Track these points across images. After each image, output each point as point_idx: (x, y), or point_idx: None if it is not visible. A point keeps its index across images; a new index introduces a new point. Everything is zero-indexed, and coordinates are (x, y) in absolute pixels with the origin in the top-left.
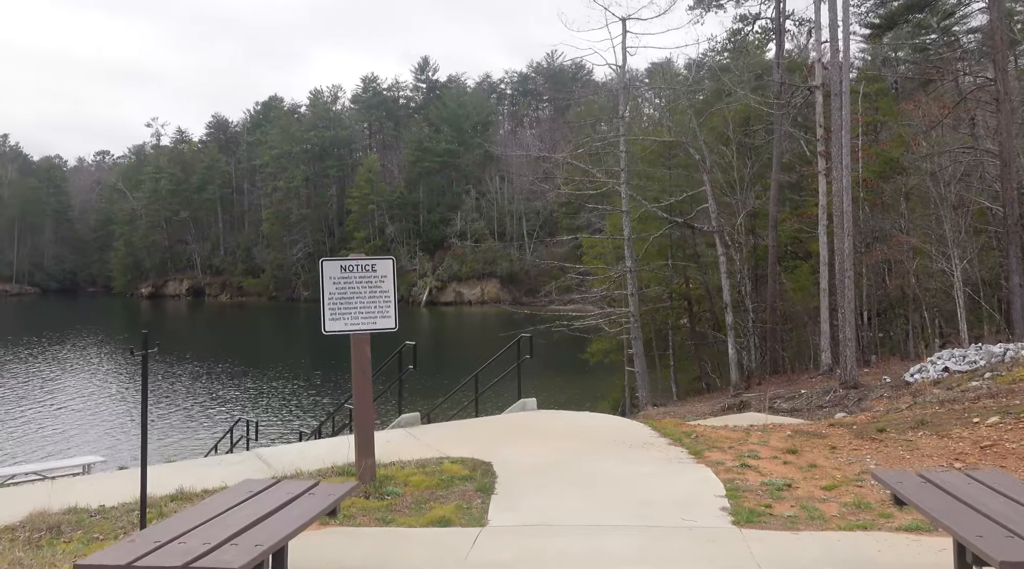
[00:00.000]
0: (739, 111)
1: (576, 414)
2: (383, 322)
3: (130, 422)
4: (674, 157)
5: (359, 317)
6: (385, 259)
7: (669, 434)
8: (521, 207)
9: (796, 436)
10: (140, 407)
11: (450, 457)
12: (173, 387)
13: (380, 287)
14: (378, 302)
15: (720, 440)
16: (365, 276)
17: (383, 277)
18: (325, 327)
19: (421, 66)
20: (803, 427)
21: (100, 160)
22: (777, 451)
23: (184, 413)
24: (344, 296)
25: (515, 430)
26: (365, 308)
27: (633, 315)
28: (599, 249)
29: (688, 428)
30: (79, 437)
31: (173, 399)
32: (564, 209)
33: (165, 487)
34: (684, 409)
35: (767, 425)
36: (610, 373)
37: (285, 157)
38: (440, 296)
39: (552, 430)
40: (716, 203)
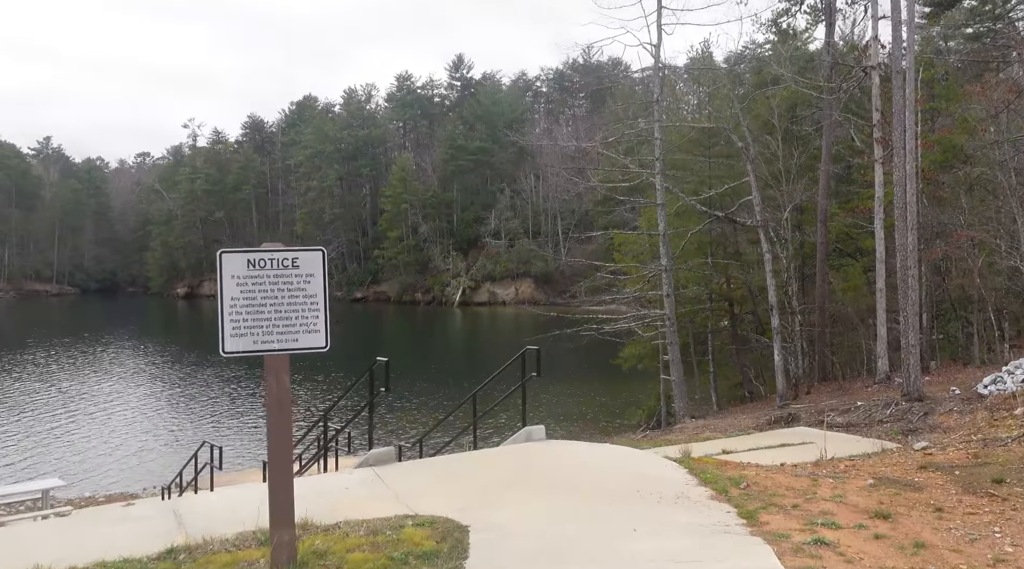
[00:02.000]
0: (785, 98)
1: (591, 449)
2: (309, 339)
3: (107, 438)
4: (714, 146)
5: (274, 332)
6: (311, 250)
7: (710, 480)
8: (556, 205)
9: (881, 487)
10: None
11: (418, 516)
12: (191, 390)
13: (305, 289)
14: (302, 311)
15: (778, 492)
16: (283, 274)
17: (309, 276)
18: (224, 346)
19: (456, 64)
20: (886, 472)
21: (141, 162)
22: (860, 513)
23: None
24: (253, 302)
25: (513, 472)
26: (283, 319)
27: (669, 318)
28: (632, 246)
29: (734, 471)
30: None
31: (190, 405)
32: (600, 208)
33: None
34: (725, 422)
35: (836, 465)
36: (644, 378)
37: (319, 156)
38: (474, 296)
39: (560, 473)
40: (760, 195)
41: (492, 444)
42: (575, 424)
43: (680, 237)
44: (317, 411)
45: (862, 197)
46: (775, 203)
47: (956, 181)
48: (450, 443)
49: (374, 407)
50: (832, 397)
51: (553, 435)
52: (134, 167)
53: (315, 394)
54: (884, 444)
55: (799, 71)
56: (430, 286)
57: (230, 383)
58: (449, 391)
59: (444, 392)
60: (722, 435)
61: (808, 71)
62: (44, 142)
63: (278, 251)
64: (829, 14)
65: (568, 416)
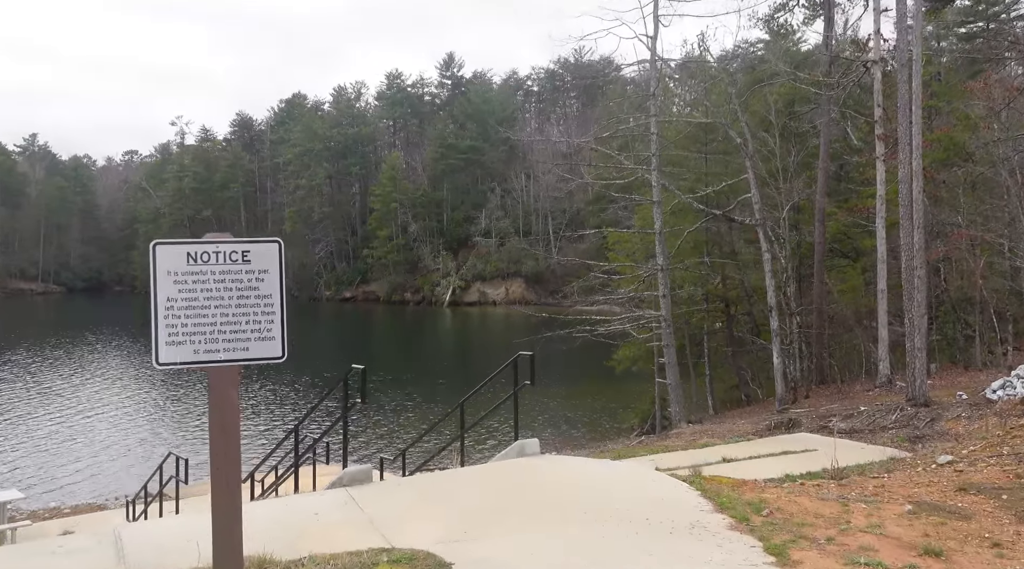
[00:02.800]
0: (782, 94)
1: (591, 466)
2: (262, 347)
3: (86, 443)
4: (711, 142)
5: (220, 340)
6: (266, 242)
7: (727, 505)
8: (547, 205)
9: (922, 514)
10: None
11: (395, 549)
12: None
13: (257, 289)
14: (254, 314)
15: (807, 520)
16: (231, 271)
17: (263, 272)
18: (158, 356)
19: (446, 62)
20: (921, 494)
21: (128, 159)
22: (906, 549)
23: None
24: (194, 304)
25: (505, 494)
26: (231, 324)
27: (665, 319)
28: (627, 245)
29: (753, 494)
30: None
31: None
32: (591, 207)
33: None
34: (723, 427)
35: (863, 485)
36: (638, 380)
37: (308, 155)
38: (464, 296)
39: (557, 495)
40: (759, 193)
41: (483, 454)
42: (567, 428)
43: (676, 236)
44: (299, 419)
45: (861, 196)
46: (772, 202)
47: (957, 180)
48: (437, 456)
49: (348, 419)
50: (832, 401)
51: (545, 440)
52: (122, 165)
53: (300, 399)
54: (891, 452)
55: (795, 69)
56: (420, 286)
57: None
58: (437, 395)
59: (432, 396)
60: (721, 441)
61: (805, 68)
62: (30, 139)
63: (225, 242)
64: (828, 8)
65: (560, 420)
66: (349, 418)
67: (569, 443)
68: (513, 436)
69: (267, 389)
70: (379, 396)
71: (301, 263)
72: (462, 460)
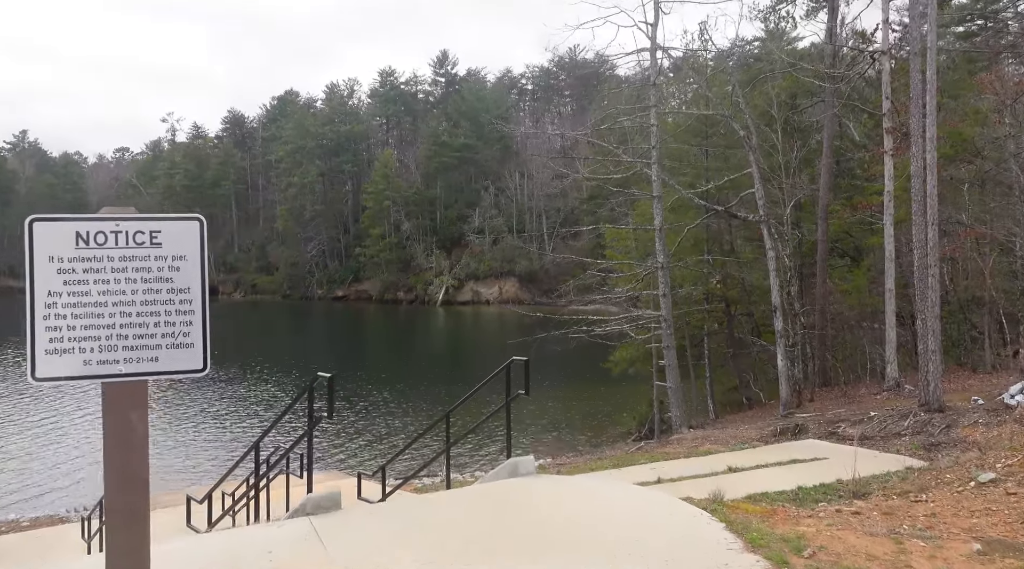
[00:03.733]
0: (784, 87)
1: (594, 489)
2: (177, 357)
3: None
4: (711, 136)
5: (120, 348)
6: (183, 219)
7: (759, 542)
8: (541, 204)
9: (995, 556)
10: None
11: None
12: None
13: (171, 280)
14: (166, 314)
15: (858, 564)
16: (136, 256)
17: (179, 259)
18: (34, 368)
19: (440, 60)
20: (983, 526)
21: (120, 157)
22: None
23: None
24: (85, 300)
25: (495, 522)
26: (135, 327)
27: (665, 319)
28: (624, 242)
29: (787, 528)
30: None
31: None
32: (586, 205)
33: None
34: (726, 432)
35: (913, 515)
36: (635, 382)
37: (300, 152)
38: (457, 295)
39: (556, 525)
40: (763, 188)
41: (477, 462)
42: (563, 432)
43: (675, 233)
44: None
45: (866, 192)
46: (773, 198)
47: (966, 176)
48: (421, 471)
49: (314, 434)
50: (839, 405)
51: (540, 445)
52: (113, 162)
53: (285, 403)
54: (908, 461)
55: (794, 64)
56: (412, 285)
57: (210, 385)
58: (427, 399)
59: (421, 400)
60: (724, 448)
61: (812, 53)
62: (20, 136)
63: (128, 219)
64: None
65: (555, 424)
66: (326, 427)
67: (565, 449)
68: (505, 453)
69: (248, 392)
70: (365, 400)
71: (293, 261)
72: (447, 480)
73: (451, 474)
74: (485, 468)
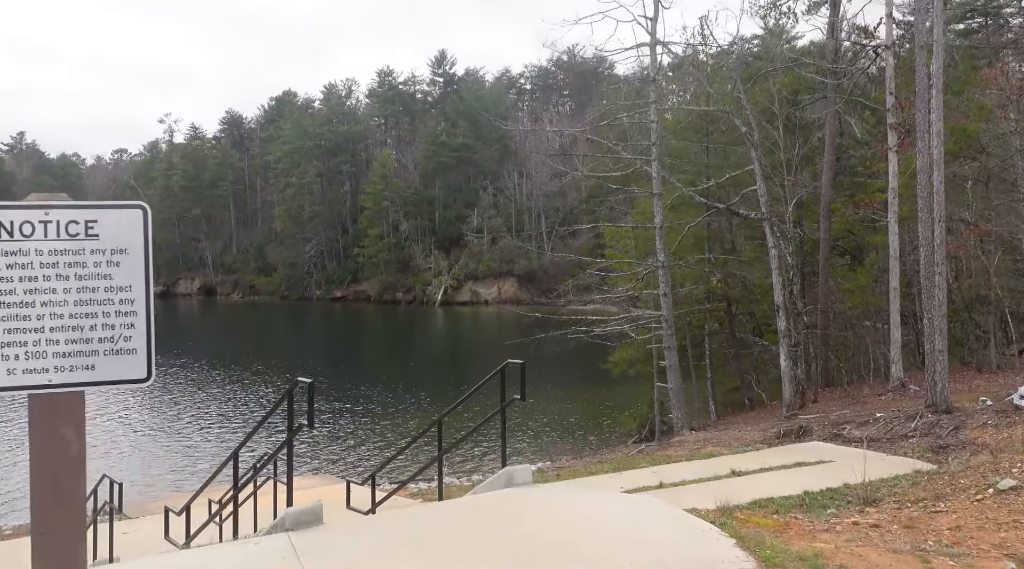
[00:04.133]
0: (786, 83)
1: (594, 501)
2: (117, 365)
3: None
4: (712, 132)
5: (49, 355)
6: (124, 207)
7: (774, 562)
8: (540, 203)
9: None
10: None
11: None
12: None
13: (110, 277)
14: (104, 315)
15: None
16: (69, 250)
17: (118, 253)
18: None
19: (438, 60)
20: (1015, 543)
21: (118, 158)
22: None
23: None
24: (7, 301)
25: (488, 540)
26: (67, 332)
27: (666, 319)
28: (624, 241)
29: (803, 544)
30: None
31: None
32: (585, 205)
33: None
34: (728, 434)
35: (937, 530)
36: (635, 383)
37: (298, 152)
38: (456, 295)
39: (555, 542)
40: (765, 185)
41: (473, 464)
42: (562, 434)
43: (676, 231)
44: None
45: (869, 189)
46: (775, 196)
47: (970, 173)
48: (416, 476)
49: (293, 443)
50: (843, 406)
51: (539, 448)
52: (111, 164)
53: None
54: (916, 464)
55: (796, 59)
56: (411, 285)
57: (206, 387)
58: (423, 401)
59: (417, 402)
60: (727, 450)
61: (807, 58)
62: (17, 137)
63: (59, 207)
64: None
65: (554, 425)
66: (320, 428)
67: (564, 451)
68: (500, 461)
69: (244, 393)
70: (362, 402)
71: (291, 262)
72: (440, 491)
73: (448, 479)
74: (484, 471)
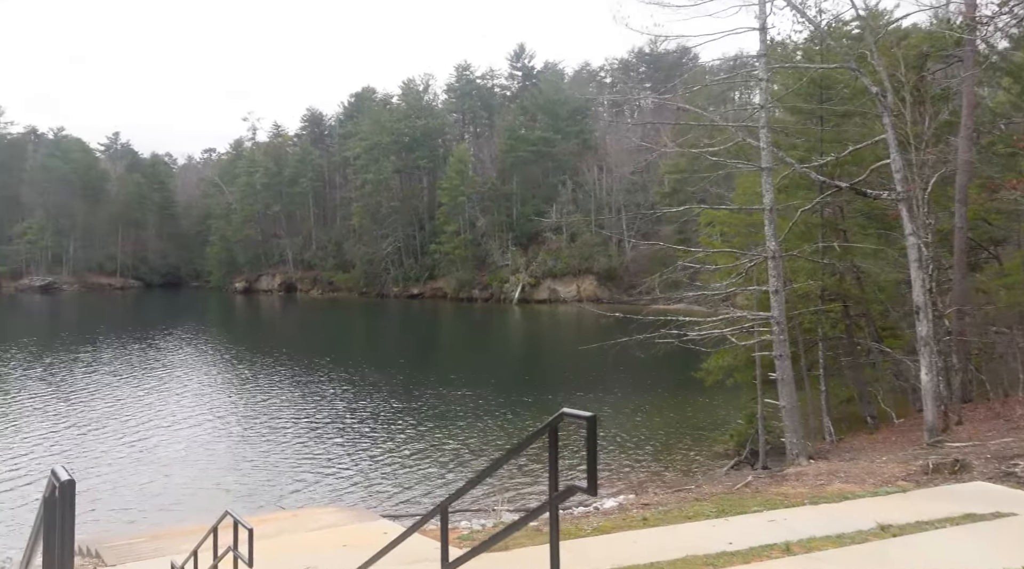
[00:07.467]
0: (914, 46)
1: None
2: None
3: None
4: (827, 100)
5: None
6: None
7: None
8: (620, 198)
9: None
10: None
11: None
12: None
13: None
14: None
15: None
16: None
17: None
18: None
19: (517, 53)
20: None
21: (207, 157)
22: None
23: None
24: None
25: None
26: None
27: (777, 321)
28: (721, 228)
29: None
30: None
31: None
32: (668, 200)
33: None
34: (859, 467)
35: None
36: (731, 394)
37: (376, 148)
38: (533, 293)
39: None
40: (901, 159)
41: (532, 480)
42: (644, 454)
43: (785, 218)
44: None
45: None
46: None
47: None
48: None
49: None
50: (999, 431)
51: (617, 473)
52: (200, 163)
53: (345, 396)
54: None
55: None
56: (488, 283)
57: (284, 387)
58: (497, 408)
59: (489, 409)
60: (862, 490)
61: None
62: (113, 138)
63: None
64: None
65: (635, 442)
66: (373, 438)
67: (649, 476)
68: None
69: (312, 383)
70: (434, 407)
71: (369, 258)
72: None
73: (507, 511)
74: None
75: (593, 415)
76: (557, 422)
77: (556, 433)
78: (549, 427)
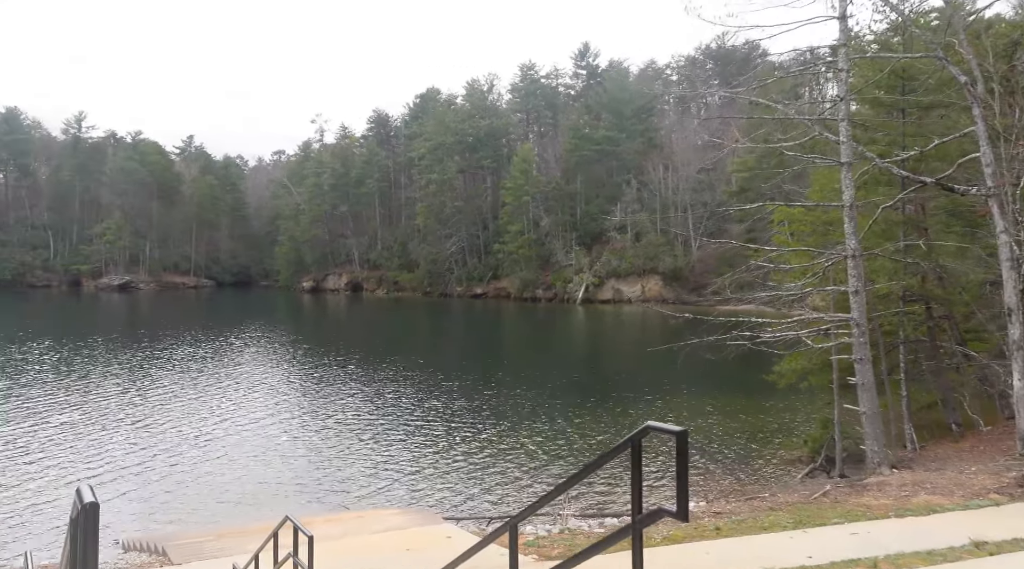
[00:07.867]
0: (1001, 34)
1: None
2: None
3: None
4: (909, 91)
5: None
6: None
7: None
8: (687, 198)
9: None
10: None
11: None
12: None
13: None
14: None
15: None
16: None
17: None
18: None
19: (581, 52)
20: None
21: (277, 159)
22: None
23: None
24: None
25: None
26: None
27: (857, 323)
28: (798, 226)
29: None
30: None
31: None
32: (735, 198)
33: None
34: (945, 477)
35: None
36: (805, 397)
37: (440, 149)
38: (597, 293)
39: None
40: (991, 151)
41: (607, 495)
42: (713, 460)
43: (865, 215)
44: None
45: None
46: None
47: None
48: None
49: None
50: None
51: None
52: (270, 164)
53: (408, 395)
54: None
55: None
56: (551, 282)
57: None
58: (561, 411)
59: (554, 413)
60: (951, 503)
61: None
62: (187, 141)
63: None
64: None
65: (705, 446)
66: (435, 437)
67: (719, 482)
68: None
69: (366, 381)
70: (501, 410)
71: (433, 258)
72: None
73: (573, 515)
74: (613, 501)
75: (684, 430)
76: (641, 436)
77: (640, 448)
78: (631, 442)
